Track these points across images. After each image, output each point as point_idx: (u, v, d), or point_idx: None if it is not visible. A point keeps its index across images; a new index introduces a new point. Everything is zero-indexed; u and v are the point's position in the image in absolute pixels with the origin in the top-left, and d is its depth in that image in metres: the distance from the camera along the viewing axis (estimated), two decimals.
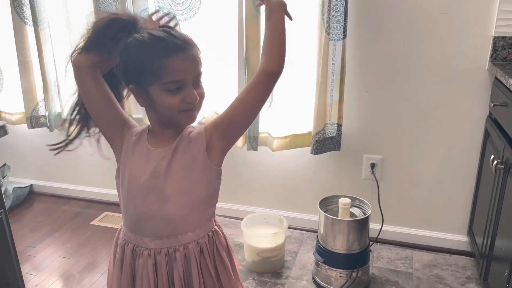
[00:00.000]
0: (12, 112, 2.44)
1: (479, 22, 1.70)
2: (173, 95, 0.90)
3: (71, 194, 2.60)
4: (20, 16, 2.16)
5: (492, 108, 1.64)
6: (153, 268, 0.96)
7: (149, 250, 0.96)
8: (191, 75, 0.90)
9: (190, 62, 0.90)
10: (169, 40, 0.88)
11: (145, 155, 0.96)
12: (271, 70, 0.96)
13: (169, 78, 0.89)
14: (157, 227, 0.96)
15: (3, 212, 1.08)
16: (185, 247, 0.96)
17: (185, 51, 0.89)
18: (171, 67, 0.88)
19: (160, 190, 0.94)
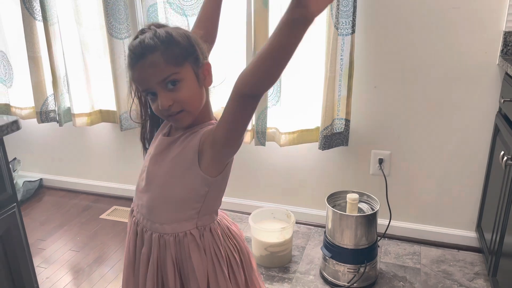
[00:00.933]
0: (22, 107, 2.46)
1: (490, 17, 1.68)
2: (154, 102, 0.91)
3: (80, 188, 2.63)
4: (30, 12, 2.18)
5: (502, 103, 1.63)
6: (135, 225, 1.02)
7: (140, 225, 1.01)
8: (154, 82, 0.87)
9: (147, 69, 0.86)
10: (133, 50, 0.88)
11: (156, 139, 1.02)
12: (242, 89, 0.79)
13: (140, 88, 0.92)
14: (143, 206, 1.00)
15: (15, 206, 1.09)
16: (160, 236, 0.97)
17: (143, 59, 0.86)
18: (135, 79, 0.90)
19: (149, 174, 0.99)
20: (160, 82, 0.87)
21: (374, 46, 1.86)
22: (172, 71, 0.87)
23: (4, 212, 1.05)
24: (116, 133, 2.41)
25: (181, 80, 0.88)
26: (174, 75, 0.87)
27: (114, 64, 2.13)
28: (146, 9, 2.01)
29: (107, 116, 2.35)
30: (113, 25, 2.07)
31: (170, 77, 0.87)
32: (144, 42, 0.87)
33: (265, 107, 1.95)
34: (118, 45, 2.11)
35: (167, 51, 0.87)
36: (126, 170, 2.45)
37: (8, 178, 1.06)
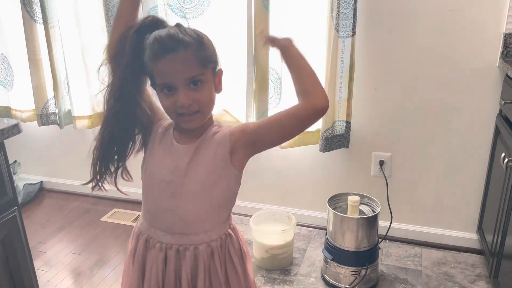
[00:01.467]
0: (23, 110, 2.46)
1: (490, 19, 1.69)
2: (168, 97, 0.89)
3: (80, 191, 2.63)
4: (30, 14, 2.18)
5: (502, 105, 1.63)
6: (163, 263, 0.96)
7: (161, 244, 0.97)
8: (180, 78, 0.87)
9: (178, 64, 0.86)
10: (162, 41, 0.86)
11: (169, 150, 0.97)
12: (320, 106, 0.91)
13: (160, 81, 0.89)
14: (170, 223, 0.96)
15: (16, 209, 1.09)
16: (195, 248, 0.96)
17: (175, 53, 0.86)
18: (159, 70, 0.88)
19: (177, 186, 0.95)
20: (186, 79, 0.88)
21: (375, 48, 1.86)
22: (200, 71, 0.88)
23: (5, 216, 1.05)
24: None
25: (204, 82, 0.90)
26: (200, 76, 0.89)
27: None
28: (147, 11, 2.01)
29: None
30: None
31: (197, 77, 0.88)
32: (178, 36, 0.86)
33: (266, 109, 1.95)
34: None
35: (199, 51, 0.88)
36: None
37: (9, 182, 1.06)
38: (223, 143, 0.94)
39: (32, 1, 2.15)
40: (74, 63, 2.23)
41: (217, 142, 0.95)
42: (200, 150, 0.95)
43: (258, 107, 1.95)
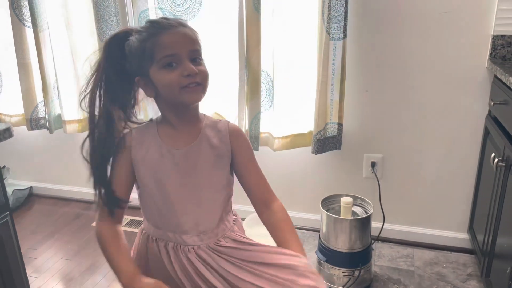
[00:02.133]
0: (12, 114, 2.43)
1: (478, 21, 1.71)
2: (171, 71, 0.90)
3: (71, 196, 2.60)
4: (19, 18, 2.16)
5: (492, 106, 1.66)
6: (198, 261, 0.98)
7: (188, 247, 0.99)
8: (185, 49, 0.91)
9: (182, 37, 0.91)
10: (160, 21, 0.93)
11: (168, 157, 0.97)
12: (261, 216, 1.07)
13: (162, 53, 0.90)
14: (193, 224, 0.98)
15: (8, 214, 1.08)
16: (223, 238, 1.01)
17: (176, 28, 0.91)
18: (162, 43, 0.90)
19: (194, 188, 0.97)
20: (190, 51, 0.92)
21: (365, 50, 1.88)
22: (200, 48, 0.95)
23: None
24: None
25: (202, 59, 0.95)
26: (200, 53, 0.95)
27: None
28: (137, 15, 2.00)
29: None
30: (104, 31, 2.06)
31: (198, 52, 0.94)
32: (179, 19, 0.94)
33: (258, 112, 1.95)
34: None
35: (195, 33, 0.95)
36: None
37: (0, 187, 1.04)
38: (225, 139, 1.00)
39: (21, 5, 2.13)
40: (64, 66, 2.21)
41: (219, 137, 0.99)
42: (202, 148, 0.98)
43: (250, 109, 1.95)
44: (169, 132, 0.99)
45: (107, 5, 2.04)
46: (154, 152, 0.97)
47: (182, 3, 1.94)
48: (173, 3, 1.94)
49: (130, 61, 0.95)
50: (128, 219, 2.34)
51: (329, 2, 1.73)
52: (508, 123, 1.46)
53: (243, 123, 1.99)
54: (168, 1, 1.93)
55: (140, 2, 1.99)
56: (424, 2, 1.74)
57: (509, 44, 1.69)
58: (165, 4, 1.94)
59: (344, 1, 1.74)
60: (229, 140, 1.00)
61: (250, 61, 1.89)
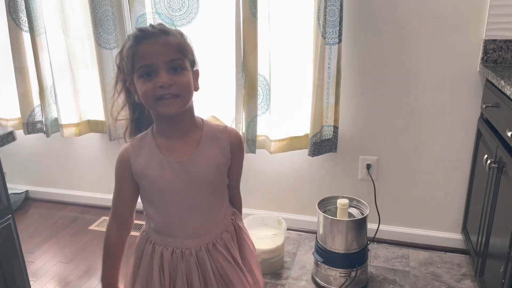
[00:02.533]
0: (8, 118, 2.43)
1: (470, 26, 1.75)
2: (147, 81, 0.90)
3: (67, 200, 2.60)
4: (16, 22, 2.16)
5: (484, 109, 1.69)
6: (196, 265, 1.00)
7: (190, 250, 1.01)
8: (161, 60, 0.89)
9: (160, 47, 0.90)
10: (144, 29, 0.92)
11: (169, 169, 0.97)
12: None
13: (140, 63, 0.90)
14: (196, 227, 1.01)
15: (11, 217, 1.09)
16: (219, 238, 1.03)
17: (156, 37, 0.90)
18: (140, 53, 0.90)
19: (196, 197, 0.99)
20: (166, 62, 0.90)
21: (360, 55, 1.91)
22: (180, 56, 0.92)
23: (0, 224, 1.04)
24: (104, 143, 2.40)
25: (184, 68, 0.93)
26: (181, 61, 0.92)
27: (103, 74, 2.13)
28: (134, 19, 2.02)
29: (95, 126, 2.34)
30: (101, 35, 2.08)
31: (177, 61, 0.91)
32: (160, 26, 0.93)
33: (255, 115, 1.97)
34: (106, 55, 2.11)
35: (179, 40, 0.93)
36: None
37: (3, 190, 1.05)
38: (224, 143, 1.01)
39: (18, 9, 2.14)
40: (61, 70, 2.22)
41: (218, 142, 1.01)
42: (202, 158, 0.99)
43: (247, 113, 1.98)
44: (166, 143, 0.99)
45: (105, 10, 2.05)
46: (154, 164, 0.98)
47: (179, 7, 1.96)
48: (170, 8, 1.96)
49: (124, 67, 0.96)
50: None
51: (324, 7, 1.76)
52: (500, 125, 1.49)
53: (240, 126, 2.01)
54: (165, 5, 1.95)
55: (137, 7, 2.00)
56: (417, 8, 1.78)
57: (500, 48, 1.73)
58: (162, 9, 1.96)
59: (339, 7, 1.77)
60: (229, 150, 1.02)
61: (247, 65, 1.91)
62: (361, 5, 1.84)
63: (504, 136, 1.42)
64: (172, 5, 1.95)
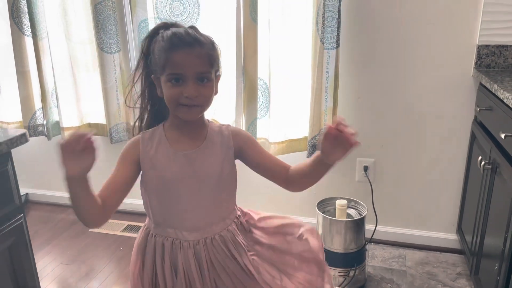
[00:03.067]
0: (9, 122, 2.45)
1: (464, 31, 1.81)
2: (174, 87, 0.95)
3: (67, 202, 2.60)
4: (19, 27, 2.19)
5: (478, 112, 1.75)
6: (193, 258, 1.03)
7: (188, 242, 1.03)
8: (192, 71, 0.94)
9: (193, 58, 0.94)
10: (180, 36, 0.95)
11: (173, 157, 1.02)
12: (292, 190, 1.14)
13: (171, 70, 0.95)
14: (195, 220, 1.04)
15: (23, 216, 1.12)
16: (219, 235, 1.05)
17: (191, 48, 0.94)
18: (173, 60, 0.94)
19: (200, 189, 1.03)
20: (196, 73, 0.95)
21: (357, 59, 1.96)
22: (209, 69, 0.97)
23: (13, 223, 1.07)
24: (105, 146, 2.42)
25: (210, 80, 0.98)
26: (208, 74, 0.97)
27: (104, 78, 2.16)
28: (136, 24, 2.05)
29: (96, 129, 2.37)
30: (103, 40, 2.11)
31: (206, 74, 0.97)
32: (195, 34, 0.96)
33: (255, 118, 2.02)
34: (108, 59, 2.14)
35: (211, 51, 0.98)
36: None
37: (16, 190, 1.08)
38: (228, 143, 1.06)
39: (21, 14, 2.16)
40: (63, 74, 2.25)
41: (223, 139, 1.05)
42: (207, 152, 1.03)
43: (247, 116, 2.02)
44: (176, 136, 1.04)
45: (107, 15, 2.09)
46: (162, 154, 1.02)
47: (180, 13, 2.00)
48: (172, 13, 2.00)
49: (152, 58, 1.00)
50: (125, 224, 2.38)
51: (323, 13, 1.81)
52: (494, 127, 1.54)
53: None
54: (167, 10, 1.99)
55: (139, 12, 2.04)
56: (413, 14, 1.84)
57: (493, 53, 1.79)
58: (164, 14, 2.00)
59: (337, 12, 1.82)
60: (232, 142, 1.06)
61: (247, 69, 1.95)
62: (358, 11, 1.89)
63: (498, 138, 1.47)
64: (174, 10, 1.99)
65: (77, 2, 2.14)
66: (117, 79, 2.19)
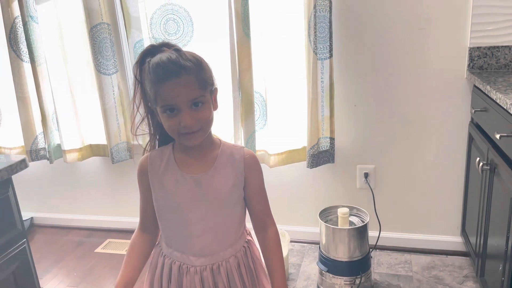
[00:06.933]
0: (11, 147, 2.48)
1: (455, 35, 1.83)
2: (171, 118, 0.94)
3: (72, 224, 2.63)
4: (17, 54, 2.23)
5: (473, 113, 1.76)
6: (200, 284, 1.03)
7: (195, 267, 1.03)
8: (184, 100, 0.92)
9: (182, 88, 0.91)
10: (165, 67, 0.91)
11: (183, 183, 1.02)
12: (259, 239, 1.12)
13: (163, 103, 0.93)
14: (202, 246, 1.03)
15: (25, 241, 1.13)
16: (226, 262, 1.04)
17: (178, 77, 0.91)
18: (163, 93, 0.92)
19: (207, 213, 1.02)
20: (188, 102, 0.93)
21: (351, 67, 1.98)
22: (201, 93, 0.95)
23: (16, 248, 1.08)
24: (107, 166, 2.45)
25: (204, 102, 0.96)
26: (202, 98, 0.95)
27: (103, 99, 2.19)
28: (132, 45, 2.09)
29: (97, 150, 2.39)
30: (100, 62, 2.14)
31: (198, 99, 0.94)
32: (179, 61, 0.92)
33: (253, 131, 2.03)
34: (106, 80, 2.17)
35: (199, 75, 0.94)
36: (120, 202, 2.48)
37: (18, 215, 1.10)
38: (238, 167, 1.03)
39: (18, 41, 2.21)
40: (62, 97, 2.28)
41: (234, 164, 1.03)
42: (216, 176, 1.02)
43: (245, 129, 2.03)
44: (184, 159, 1.03)
45: (103, 37, 2.12)
46: (170, 177, 1.02)
47: (174, 32, 2.03)
48: (166, 33, 2.03)
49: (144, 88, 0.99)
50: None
51: (314, 24, 1.84)
52: (489, 128, 1.55)
53: (239, 143, 2.06)
54: (161, 30, 2.03)
55: (134, 33, 2.08)
56: (403, 19, 1.86)
57: (485, 55, 1.80)
58: (158, 34, 2.03)
59: (328, 23, 1.85)
60: (243, 169, 1.04)
61: (243, 83, 1.98)
62: (349, 20, 1.92)
63: (494, 139, 1.48)
64: (168, 29, 2.03)
65: (73, 26, 2.18)
66: (115, 100, 2.22)
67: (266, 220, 1.10)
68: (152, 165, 1.04)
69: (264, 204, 1.09)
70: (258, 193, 1.08)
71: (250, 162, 1.05)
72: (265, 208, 1.10)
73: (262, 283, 1.11)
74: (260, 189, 1.09)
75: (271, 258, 1.08)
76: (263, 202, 1.09)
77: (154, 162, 1.04)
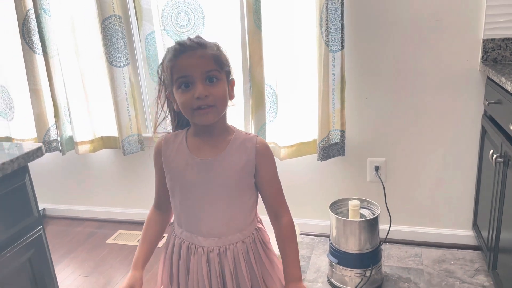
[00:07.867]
0: (24, 139, 2.50)
1: (469, 27, 1.81)
2: (185, 92, 0.97)
3: (83, 215, 2.66)
4: (30, 46, 2.25)
5: (487, 106, 1.74)
6: (206, 264, 1.05)
7: (203, 248, 1.05)
8: (198, 71, 0.95)
9: (197, 59, 0.95)
10: (183, 43, 0.98)
11: (193, 166, 1.03)
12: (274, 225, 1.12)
13: (178, 75, 0.97)
14: (211, 228, 1.05)
15: (41, 228, 1.15)
16: (234, 246, 1.06)
17: (193, 50, 0.96)
18: (179, 65, 0.96)
19: (216, 197, 1.04)
20: (203, 73, 0.96)
21: (363, 60, 1.97)
22: (215, 68, 0.98)
23: (32, 235, 1.10)
24: (118, 158, 2.47)
25: (219, 79, 0.99)
26: (216, 72, 0.98)
27: (115, 91, 2.21)
28: (144, 38, 2.10)
29: (108, 142, 2.41)
30: (112, 54, 2.16)
31: (213, 72, 0.97)
32: (198, 39, 0.99)
33: (264, 123, 2.03)
34: (118, 73, 2.19)
35: (215, 53, 0.99)
36: (131, 193, 2.50)
37: (34, 202, 1.11)
38: (249, 156, 1.04)
39: (31, 33, 2.22)
40: (74, 90, 2.30)
41: (245, 151, 1.04)
42: (228, 159, 1.03)
43: (256, 121, 2.04)
44: (196, 142, 1.05)
45: (114, 30, 2.13)
46: (180, 159, 1.05)
47: (186, 24, 2.04)
48: (177, 25, 2.04)
49: (164, 78, 1.03)
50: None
51: (326, 16, 1.83)
52: (503, 120, 1.54)
53: None
54: (172, 22, 2.03)
55: (145, 25, 2.09)
56: (416, 12, 1.84)
57: (499, 47, 1.79)
58: (170, 26, 2.04)
59: (340, 15, 1.84)
60: (255, 157, 1.04)
61: (254, 75, 1.98)
62: (361, 12, 1.91)
63: (508, 131, 1.47)
64: (179, 22, 2.03)
65: (85, 19, 2.20)
66: (127, 92, 2.24)
67: (280, 209, 1.10)
68: (166, 146, 1.08)
69: (276, 193, 1.09)
70: (270, 181, 1.08)
71: (262, 150, 1.05)
72: (278, 197, 1.10)
73: (274, 270, 1.12)
74: (272, 177, 1.09)
75: (284, 247, 1.08)
76: (275, 190, 1.09)
77: (168, 143, 1.08)
